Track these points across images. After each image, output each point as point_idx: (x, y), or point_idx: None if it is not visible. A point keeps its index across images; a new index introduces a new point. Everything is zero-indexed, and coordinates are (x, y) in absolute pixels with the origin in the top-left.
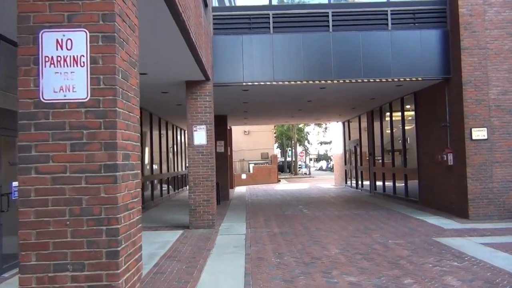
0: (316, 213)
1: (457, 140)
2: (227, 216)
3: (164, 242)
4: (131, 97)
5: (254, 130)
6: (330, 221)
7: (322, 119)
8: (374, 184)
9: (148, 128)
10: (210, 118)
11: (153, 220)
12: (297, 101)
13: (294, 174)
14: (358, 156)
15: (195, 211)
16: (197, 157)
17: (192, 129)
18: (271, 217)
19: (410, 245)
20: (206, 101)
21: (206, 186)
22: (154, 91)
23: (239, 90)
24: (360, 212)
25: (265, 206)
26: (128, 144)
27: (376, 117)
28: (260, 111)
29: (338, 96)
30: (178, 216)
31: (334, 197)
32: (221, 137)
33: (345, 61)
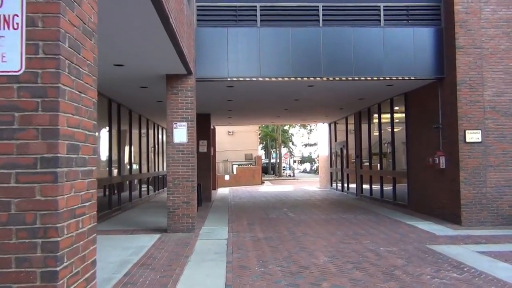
0: (302, 216)
1: (449, 143)
2: (209, 219)
3: (139, 247)
4: (84, 74)
5: (239, 130)
6: (317, 225)
7: (308, 120)
8: (360, 187)
9: (127, 126)
10: (191, 114)
11: (129, 223)
12: (283, 100)
13: (278, 176)
14: (344, 158)
15: (174, 214)
16: (177, 156)
17: (172, 126)
18: (254, 221)
19: (403, 253)
20: (188, 97)
21: (186, 187)
22: (132, 85)
23: (224, 87)
24: (347, 216)
25: (248, 208)
26: (77, 132)
27: (364, 118)
28: (245, 110)
29: (326, 95)
30: (156, 218)
31: (320, 200)
32: (204, 137)
33: (336, 58)
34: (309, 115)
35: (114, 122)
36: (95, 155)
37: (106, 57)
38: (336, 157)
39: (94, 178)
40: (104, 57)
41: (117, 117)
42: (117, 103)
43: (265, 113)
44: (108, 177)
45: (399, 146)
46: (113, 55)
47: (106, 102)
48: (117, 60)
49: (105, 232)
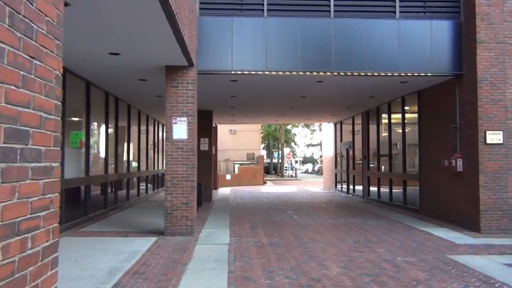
0: (307, 220)
1: (468, 144)
2: (209, 221)
3: (133, 252)
4: (39, 33)
5: (241, 129)
6: (324, 230)
7: (313, 119)
8: (367, 189)
9: (126, 122)
10: (192, 109)
11: (125, 224)
12: (289, 97)
13: (280, 176)
14: (350, 159)
15: (172, 216)
16: (176, 154)
17: (171, 121)
18: (258, 224)
19: (423, 264)
20: (189, 90)
21: (185, 187)
22: (130, 77)
23: (227, 81)
24: (356, 220)
25: (251, 210)
26: (25, 113)
27: (372, 118)
28: (248, 108)
29: (335, 93)
30: (154, 219)
31: (325, 202)
32: (206, 134)
33: (347, 51)
34: (314, 114)
35: (112, 117)
36: (58, 147)
37: (100, 43)
38: (341, 158)
39: (56, 178)
40: (97, 43)
41: (114, 112)
42: (115, 97)
43: (270, 110)
44: (104, 175)
45: (410, 147)
46: (107, 41)
47: (103, 96)
48: (112, 48)
49: (98, 233)
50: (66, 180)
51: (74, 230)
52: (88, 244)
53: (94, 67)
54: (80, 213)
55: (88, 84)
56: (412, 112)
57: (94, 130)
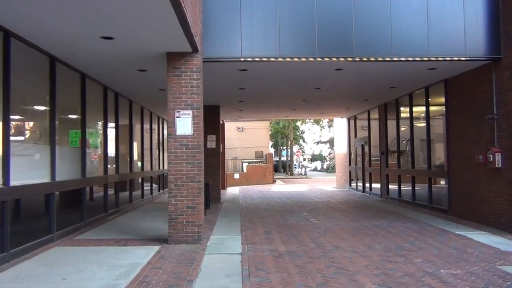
0: (326, 223)
1: (509, 137)
2: (218, 226)
3: (131, 265)
4: None
5: (249, 126)
6: (347, 235)
7: (326, 114)
8: (386, 187)
9: (127, 119)
10: (197, 101)
11: (125, 230)
12: (303, 89)
13: (289, 175)
14: (366, 155)
15: (176, 221)
16: (180, 151)
17: (175, 114)
18: (272, 228)
19: (474, 279)
20: (193, 79)
21: (191, 189)
22: (128, 67)
23: (235, 70)
24: (380, 222)
25: (262, 212)
26: None
27: (390, 111)
28: (258, 102)
29: (353, 83)
30: (157, 224)
31: (341, 202)
32: (213, 131)
33: (371, 34)
34: (328, 108)
35: (111, 113)
36: None
37: (89, 25)
38: (356, 154)
39: None
40: (87, 25)
41: (114, 108)
42: (114, 92)
43: (280, 105)
44: (103, 176)
45: (436, 141)
46: (96, 22)
47: (101, 91)
48: (103, 30)
49: (94, 242)
50: (58, 183)
51: (68, 238)
52: (81, 256)
53: (87, 55)
54: (76, 218)
55: (83, 77)
56: (436, 104)
57: (92, 128)
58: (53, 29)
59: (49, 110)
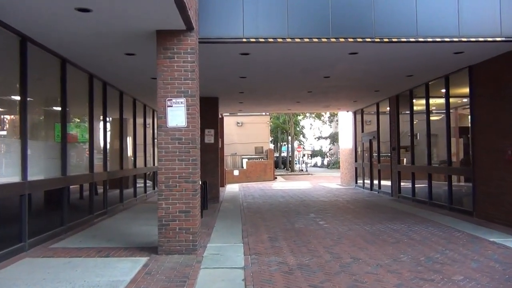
0: (338, 227)
1: None
2: (216, 230)
3: (110, 285)
4: None
5: (248, 121)
6: (365, 242)
7: (331, 107)
8: (398, 185)
9: (118, 111)
10: (192, 87)
11: (110, 235)
12: (310, 78)
13: (290, 171)
14: (374, 151)
15: (167, 228)
16: (172, 146)
17: (166, 103)
18: (277, 233)
19: None
20: (188, 62)
21: (184, 190)
22: (114, 51)
23: (236, 54)
24: (399, 226)
25: (265, 212)
26: None
27: (403, 103)
28: (260, 93)
29: (367, 71)
30: (148, 228)
31: (349, 201)
32: (211, 125)
33: (393, 11)
34: (335, 101)
35: (98, 105)
36: None
37: None
38: (363, 150)
39: None
40: None
41: (102, 99)
42: (102, 81)
43: (284, 97)
44: (88, 174)
45: (457, 135)
46: None
47: (86, 79)
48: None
49: (73, 251)
50: (30, 183)
51: (43, 247)
52: (52, 271)
53: (64, 34)
54: (54, 223)
55: (64, 62)
56: (456, 96)
57: (76, 121)
58: (25, 5)
59: (19, 100)
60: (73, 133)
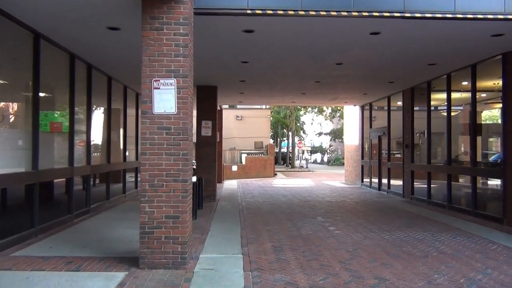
0: (352, 234)
1: None
2: (211, 236)
3: None
4: None
5: (248, 115)
6: (387, 256)
7: (338, 100)
8: (411, 186)
9: (105, 99)
10: (185, 66)
11: (88, 240)
12: (321, 65)
13: (291, 167)
14: (384, 148)
15: (151, 237)
16: (158, 137)
17: (152, 84)
18: (282, 241)
19: None
20: (179, 35)
21: (173, 191)
22: (94, 23)
23: (238, 31)
24: (422, 235)
25: (267, 214)
26: None
27: (419, 97)
28: (263, 82)
29: (386, 56)
30: (134, 230)
31: (358, 202)
32: (209, 116)
33: None
34: (343, 93)
35: (81, 90)
36: None
37: None
38: (371, 147)
39: None
40: None
41: (86, 84)
42: (87, 63)
43: (289, 87)
44: (66, 168)
45: (485, 132)
46: None
47: (66, 60)
48: None
49: (37, 262)
50: None
51: (3, 254)
52: None
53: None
54: (22, 224)
55: (37, 37)
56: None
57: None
58: None
59: None
60: (49, 122)
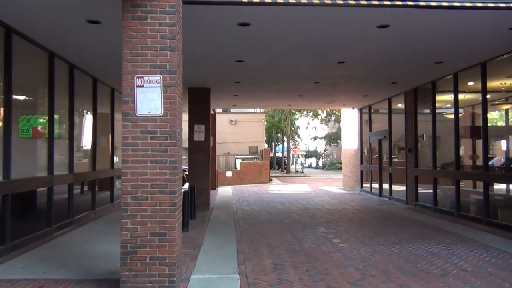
0: (358, 247)
1: None
2: (204, 252)
3: None
4: None
5: (242, 119)
6: (403, 274)
7: (337, 103)
8: (415, 192)
9: (90, 102)
10: (172, 61)
11: (64, 258)
12: (321, 64)
13: (286, 172)
14: (385, 153)
15: (134, 258)
16: (142, 142)
17: (135, 82)
18: (283, 256)
19: None
20: (166, 25)
21: (159, 204)
22: (72, 15)
23: (233, 25)
24: (435, 248)
25: (264, 224)
26: None
27: (422, 98)
28: (258, 84)
29: (391, 54)
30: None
31: (360, 210)
32: (201, 120)
33: None
34: (342, 94)
35: (63, 93)
36: None
37: None
38: (371, 151)
39: None
40: None
41: (68, 85)
42: (68, 63)
43: (286, 89)
44: (45, 177)
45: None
46: None
47: (44, 59)
48: None
49: (1, 287)
50: None
51: None
52: None
53: None
54: None
55: (8, 32)
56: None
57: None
58: None
59: None
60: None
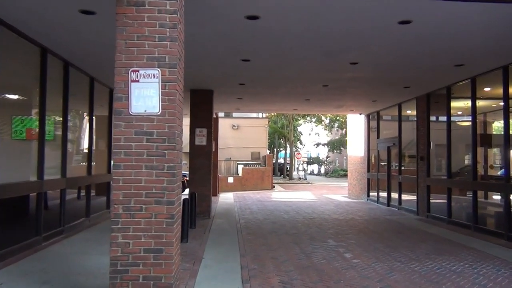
0: (373, 264)
1: None
2: (205, 267)
3: None
4: None
5: (245, 124)
6: None
7: (344, 108)
8: (427, 203)
9: (87, 104)
10: (173, 53)
11: (50, 273)
12: (333, 64)
13: (288, 179)
14: (394, 160)
15: (125, 277)
16: (136, 145)
17: (129, 76)
18: (291, 274)
19: None
20: (165, 13)
21: (155, 216)
22: (63, 4)
23: (240, 18)
24: (458, 266)
25: (269, 235)
26: None
27: (436, 104)
28: (264, 86)
29: (408, 55)
30: None
31: (369, 221)
32: (203, 123)
33: None
34: (351, 99)
35: (56, 92)
36: None
37: None
38: (379, 159)
39: None
40: None
41: (62, 84)
42: (63, 60)
43: (293, 92)
44: (34, 182)
45: None
46: None
47: (36, 55)
48: None
49: None
50: None
51: None
52: None
53: None
54: None
55: None
56: None
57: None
58: None
59: None
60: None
